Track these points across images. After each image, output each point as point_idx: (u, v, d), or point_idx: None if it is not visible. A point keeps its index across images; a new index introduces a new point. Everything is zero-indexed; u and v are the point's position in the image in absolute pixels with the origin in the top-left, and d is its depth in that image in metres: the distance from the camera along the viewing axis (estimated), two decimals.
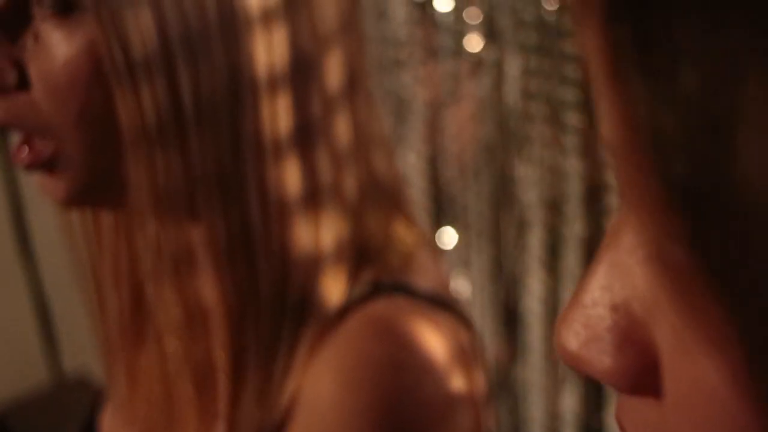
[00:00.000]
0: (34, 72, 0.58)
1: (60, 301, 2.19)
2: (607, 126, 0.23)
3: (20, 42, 0.58)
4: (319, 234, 0.63)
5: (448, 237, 1.44)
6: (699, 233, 0.21)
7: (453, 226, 1.42)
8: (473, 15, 1.22)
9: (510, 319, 1.36)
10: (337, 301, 0.64)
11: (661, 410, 0.26)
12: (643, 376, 0.26)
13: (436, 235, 1.45)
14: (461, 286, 1.42)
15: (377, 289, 0.65)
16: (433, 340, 0.64)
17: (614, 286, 0.27)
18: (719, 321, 0.22)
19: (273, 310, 0.63)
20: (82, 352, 2.03)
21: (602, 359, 0.27)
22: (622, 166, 0.23)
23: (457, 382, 0.64)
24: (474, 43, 1.22)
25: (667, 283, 0.24)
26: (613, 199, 1.08)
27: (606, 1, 0.21)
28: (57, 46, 0.57)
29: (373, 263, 0.66)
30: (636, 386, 0.27)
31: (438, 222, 1.45)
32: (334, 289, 0.64)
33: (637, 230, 0.26)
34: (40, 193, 0.63)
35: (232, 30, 0.57)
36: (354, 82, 0.64)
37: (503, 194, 1.28)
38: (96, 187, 0.61)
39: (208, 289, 0.63)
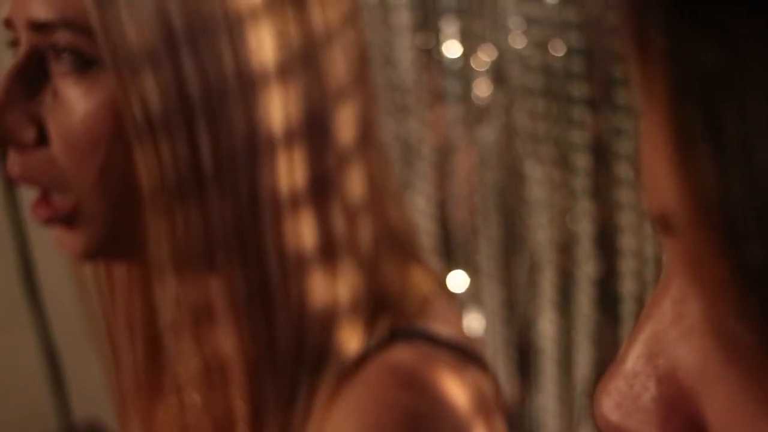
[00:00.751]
0: (53, 128, 0.58)
1: (70, 349, 2.18)
2: (673, 201, 0.23)
3: (39, 98, 0.59)
4: (336, 285, 0.63)
5: (459, 280, 1.44)
6: (765, 312, 0.21)
7: (464, 269, 1.43)
8: (481, 62, 1.23)
9: (523, 360, 1.36)
10: (355, 349, 0.64)
11: None
12: None
13: (447, 279, 1.45)
14: (474, 329, 1.42)
15: (395, 336, 0.65)
16: (455, 388, 0.63)
17: (657, 356, 0.27)
18: None
19: (291, 361, 0.63)
20: (92, 400, 2.02)
21: (647, 430, 0.26)
22: (682, 241, 0.23)
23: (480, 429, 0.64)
24: (483, 88, 1.23)
25: (724, 355, 0.24)
26: (624, 241, 1.08)
27: (675, 77, 0.21)
28: (76, 102, 0.57)
29: (390, 311, 0.66)
30: None
31: (449, 266, 1.45)
32: (351, 338, 0.64)
33: (685, 300, 0.26)
34: (49, 242, 0.63)
35: (250, 86, 0.57)
36: (366, 134, 0.65)
37: (513, 237, 1.28)
38: (114, 242, 0.62)
39: (226, 341, 0.63)
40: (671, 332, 0.26)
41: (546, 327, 1.27)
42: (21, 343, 2.16)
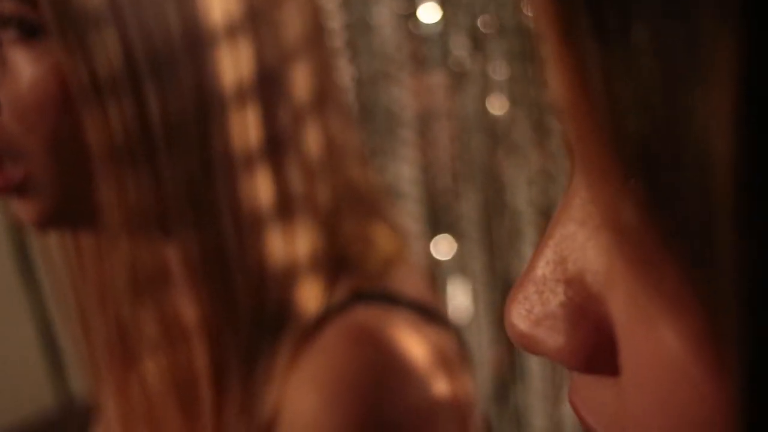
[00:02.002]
0: (1, 96, 0.58)
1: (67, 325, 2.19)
2: (559, 89, 0.22)
3: None
4: (294, 244, 0.63)
5: (446, 245, 1.44)
6: (654, 195, 0.21)
7: (450, 234, 1.43)
8: (458, 27, 1.23)
9: None
10: (315, 310, 0.64)
11: (617, 389, 0.25)
12: (599, 353, 0.25)
13: (433, 244, 1.45)
14: (459, 294, 1.43)
15: (356, 297, 0.65)
16: (414, 347, 0.64)
17: (566, 260, 0.26)
18: (677, 286, 0.21)
19: (251, 323, 0.63)
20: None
21: (555, 337, 0.26)
22: (574, 131, 0.23)
23: (441, 388, 0.64)
24: (461, 53, 1.23)
25: (623, 250, 0.23)
26: None
27: None
28: (24, 69, 0.57)
29: (351, 271, 0.66)
30: (591, 365, 0.26)
31: (435, 231, 1.45)
32: (311, 298, 0.64)
33: (590, 199, 0.26)
34: None
35: (198, 47, 0.57)
36: (323, 93, 0.65)
37: (495, 202, 1.28)
38: (69, 210, 0.62)
39: (185, 305, 0.63)
40: (579, 235, 0.26)
41: None
42: (17, 320, 2.17)
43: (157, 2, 0.56)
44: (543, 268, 0.26)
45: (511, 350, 1.36)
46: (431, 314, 0.67)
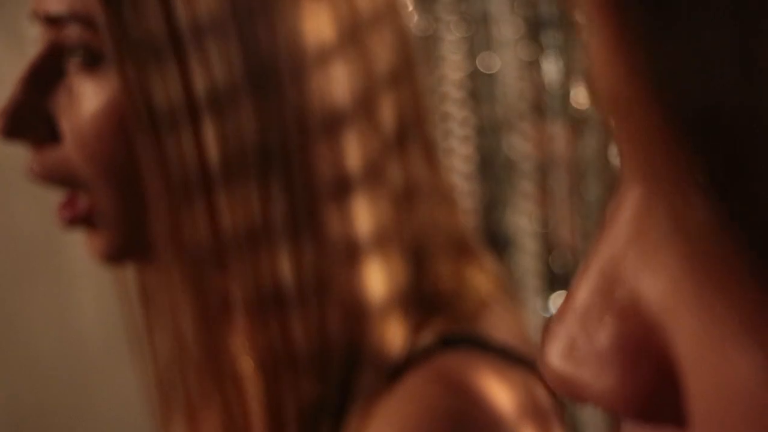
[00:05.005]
0: (66, 125, 0.59)
1: None
2: (608, 79, 0.20)
3: (54, 96, 0.60)
4: (377, 281, 0.62)
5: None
6: (733, 200, 0.18)
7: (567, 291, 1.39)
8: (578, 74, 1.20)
9: None
10: (398, 352, 0.62)
11: None
12: (659, 396, 0.22)
13: (550, 301, 1.41)
14: None
15: (443, 342, 0.62)
16: (502, 396, 0.61)
17: (615, 287, 0.23)
18: (761, 312, 0.18)
19: (313, 365, 0.61)
20: None
21: (604, 379, 0.22)
22: (631, 129, 0.20)
23: None
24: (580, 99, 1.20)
25: (691, 269, 0.20)
26: None
27: None
28: (87, 99, 0.58)
29: (441, 313, 0.64)
30: (649, 411, 0.22)
31: (552, 287, 1.41)
32: (395, 339, 0.62)
33: (646, 211, 0.22)
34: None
35: (263, 83, 0.57)
36: (409, 128, 0.63)
37: None
38: (136, 243, 0.61)
39: (240, 345, 0.62)
40: (630, 254, 0.23)
41: None
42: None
43: (221, 34, 0.56)
44: (587, 297, 0.23)
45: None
46: (523, 360, 0.64)
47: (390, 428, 0.60)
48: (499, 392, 0.61)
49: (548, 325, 0.23)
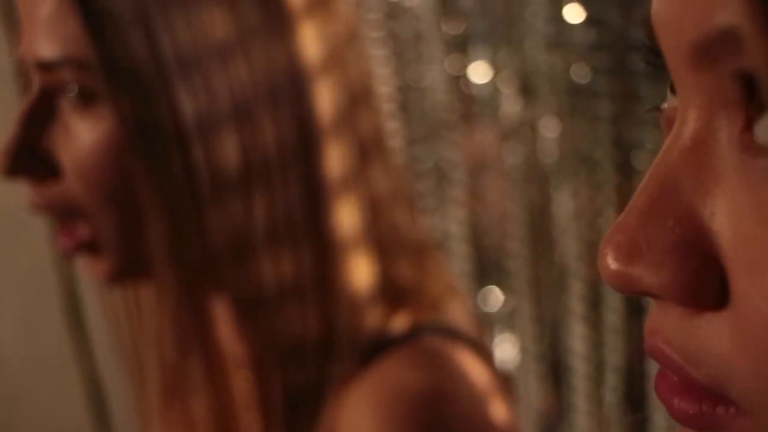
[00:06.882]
0: (65, 161, 0.62)
1: (114, 381, 2.21)
2: (737, 14, 0.23)
3: (50, 134, 0.62)
4: (357, 277, 0.66)
5: (494, 298, 1.47)
6: None
7: (498, 287, 1.45)
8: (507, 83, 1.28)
9: (555, 377, 1.38)
10: (371, 339, 0.66)
11: (720, 322, 0.25)
12: (707, 285, 0.25)
13: (480, 296, 1.47)
14: (507, 347, 1.45)
15: (418, 328, 0.67)
16: (476, 375, 0.65)
17: (672, 196, 0.25)
18: None
19: (296, 354, 0.65)
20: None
21: (661, 272, 0.25)
22: (737, 60, 0.23)
23: (498, 414, 0.65)
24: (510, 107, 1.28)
25: (749, 184, 0.23)
26: None
27: None
28: (84, 135, 0.60)
29: (406, 304, 0.69)
30: (695, 296, 0.25)
31: (482, 283, 1.47)
32: (366, 327, 0.66)
33: (707, 135, 0.25)
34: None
35: (243, 114, 0.60)
36: (372, 142, 0.68)
37: (543, 254, 1.31)
38: (136, 265, 0.64)
39: (230, 340, 0.65)
40: (687, 171, 0.25)
41: (576, 343, 1.29)
42: (65, 379, 2.18)
43: (207, 73, 0.59)
44: (645, 202, 0.26)
45: (559, 401, 1.38)
46: (482, 350, 0.69)
47: (366, 406, 0.63)
48: (473, 371, 0.65)
49: (608, 234, 0.27)
